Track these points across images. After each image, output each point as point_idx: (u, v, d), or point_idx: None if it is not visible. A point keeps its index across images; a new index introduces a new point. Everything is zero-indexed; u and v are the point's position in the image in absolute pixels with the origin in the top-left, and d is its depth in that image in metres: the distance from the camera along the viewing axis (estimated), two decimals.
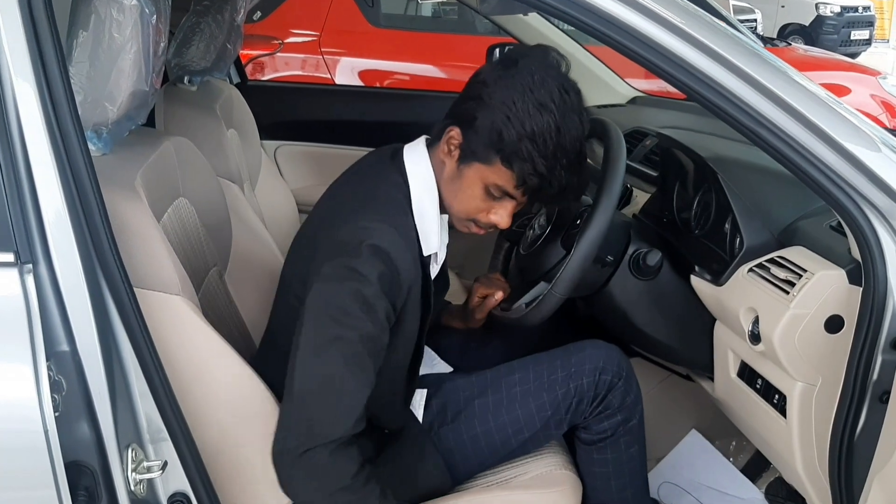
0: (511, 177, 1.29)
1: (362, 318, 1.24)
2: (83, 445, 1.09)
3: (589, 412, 1.51)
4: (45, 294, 1.06)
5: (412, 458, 1.50)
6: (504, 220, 1.37)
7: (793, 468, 1.43)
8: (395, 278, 1.28)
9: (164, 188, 1.48)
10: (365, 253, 1.25)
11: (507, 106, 1.26)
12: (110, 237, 1.11)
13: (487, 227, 1.39)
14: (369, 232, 1.27)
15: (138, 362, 1.13)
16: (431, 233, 1.37)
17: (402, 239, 1.29)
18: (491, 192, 1.32)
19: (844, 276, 1.28)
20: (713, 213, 1.59)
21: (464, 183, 1.33)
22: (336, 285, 1.26)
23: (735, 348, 1.53)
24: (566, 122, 1.27)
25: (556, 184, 1.30)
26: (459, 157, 1.32)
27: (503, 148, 1.27)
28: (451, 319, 1.82)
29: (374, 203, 1.34)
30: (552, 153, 1.27)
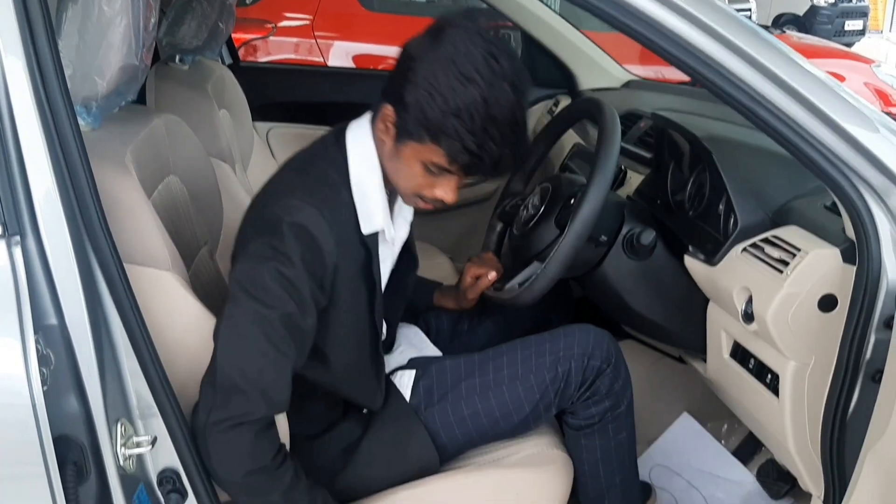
0: (443, 154, 1.25)
1: (284, 298, 1.23)
2: (71, 420, 1.08)
3: (576, 397, 1.50)
4: (32, 267, 1.05)
5: (399, 436, 1.49)
6: (449, 195, 1.32)
7: (785, 448, 1.43)
8: (318, 258, 1.26)
9: (154, 165, 1.46)
10: (286, 232, 1.24)
11: (429, 82, 1.21)
12: (100, 212, 1.10)
13: (434, 203, 1.35)
14: (292, 210, 1.26)
15: (128, 338, 1.12)
16: (374, 210, 1.35)
17: (328, 217, 1.27)
18: (430, 169, 1.28)
19: (838, 255, 1.28)
20: (707, 195, 1.59)
21: (402, 161, 1.30)
22: (258, 264, 1.25)
23: (728, 328, 1.53)
24: (494, 93, 1.21)
25: (489, 158, 1.24)
26: (395, 136, 1.29)
27: (429, 126, 1.22)
28: (443, 300, 1.81)
29: (306, 181, 1.32)
30: (481, 127, 1.21)
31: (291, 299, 1.24)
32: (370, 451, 1.48)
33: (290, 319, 1.24)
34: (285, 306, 1.24)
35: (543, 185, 1.68)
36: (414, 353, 1.69)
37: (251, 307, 1.24)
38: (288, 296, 1.24)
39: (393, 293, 1.56)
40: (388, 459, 1.49)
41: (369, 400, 1.50)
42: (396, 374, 1.57)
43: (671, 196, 1.73)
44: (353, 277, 1.35)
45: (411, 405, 1.51)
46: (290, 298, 1.24)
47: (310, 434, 1.46)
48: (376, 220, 1.35)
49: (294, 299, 1.24)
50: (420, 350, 1.72)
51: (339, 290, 1.32)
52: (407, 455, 1.49)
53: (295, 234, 1.24)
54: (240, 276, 1.27)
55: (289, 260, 1.24)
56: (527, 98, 1.27)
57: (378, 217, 1.35)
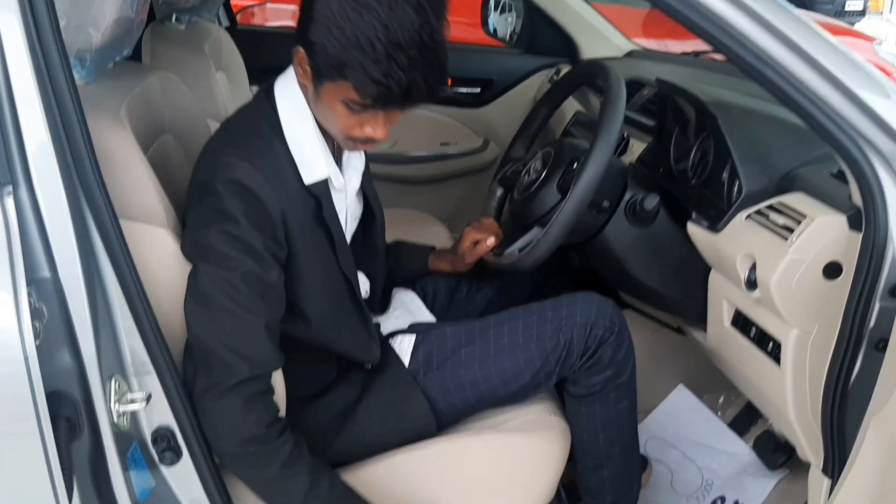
0: (353, 89, 1.20)
1: (239, 258, 1.22)
2: (64, 375, 1.07)
3: (578, 366, 1.48)
4: (25, 218, 1.03)
5: (397, 401, 1.48)
6: (378, 131, 1.28)
7: (785, 417, 1.42)
8: (262, 211, 1.24)
9: (149, 122, 1.44)
10: (222, 191, 1.22)
11: (326, 16, 1.17)
12: (94, 163, 1.08)
13: (368, 142, 1.31)
14: (224, 168, 1.23)
15: (123, 293, 1.10)
16: (314, 159, 1.32)
17: (263, 169, 1.25)
18: (351, 107, 1.23)
19: (845, 222, 1.26)
20: (711, 162, 1.57)
21: (325, 103, 1.26)
22: (204, 229, 1.23)
23: (730, 296, 1.51)
24: (395, 17, 1.15)
25: (398, 87, 1.18)
26: (312, 79, 1.25)
27: (334, 62, 1.18)
28: (437, 263, 1.78)
29: (235, 138, 1.30)
30: (385, 55, 1.15)
31: (247, 257, 1.22)
32: (367, 414, 1.46)
33: (251, 277, 1.23)
34: (243, 265, 1.22)
35: (546, 149, 1.66)
36: (410, 318, 1.68)
37: (210, 272, 1.22)
38: (242, 254, 1.22)
39: (363, 247, 1.53)
40: (385, 424, 1.47)
41: (364, 352, 1.48)
42: (396, 339, 1.55)
43: (674, 164, 1.71)
44: (309, 229, 1.32)
45: (410, 370, 1.50)
46: (245, 256, 1.22)
47: (305, 396, 1.45)
48: (318, 168, 1.32)
49: (249, 256, 1.22)
50: (416, 315, 1.70)
51: (295, 242, 1.30)
52: (404, 420, 1.48)
53: (231, 192, 1.22)
54: (190, 245, 1.25)
55: (232, 219, 1.22)
56: (439, 17, 1.20)
57: (319, 165, 1.32)
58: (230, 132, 1.33)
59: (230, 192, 1.22)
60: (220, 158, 1.26)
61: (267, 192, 1.24)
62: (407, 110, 1.26)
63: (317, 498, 1.30)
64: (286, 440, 1.27)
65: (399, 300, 1.74)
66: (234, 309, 1.22)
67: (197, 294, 1.23)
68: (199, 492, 1.22)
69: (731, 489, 1.99)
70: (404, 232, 1.97)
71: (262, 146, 1.29)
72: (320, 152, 1.33)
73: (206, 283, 1.22)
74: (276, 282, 1.27)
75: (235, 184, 1.22)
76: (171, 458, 1.18)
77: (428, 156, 2.70)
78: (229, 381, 1.22)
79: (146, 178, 1.24)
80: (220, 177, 1.23)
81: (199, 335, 1.22)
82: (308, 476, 1.29)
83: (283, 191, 1.27)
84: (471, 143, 2.72)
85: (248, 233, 1.22)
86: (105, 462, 1.12)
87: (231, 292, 1.22)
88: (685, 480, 2.06)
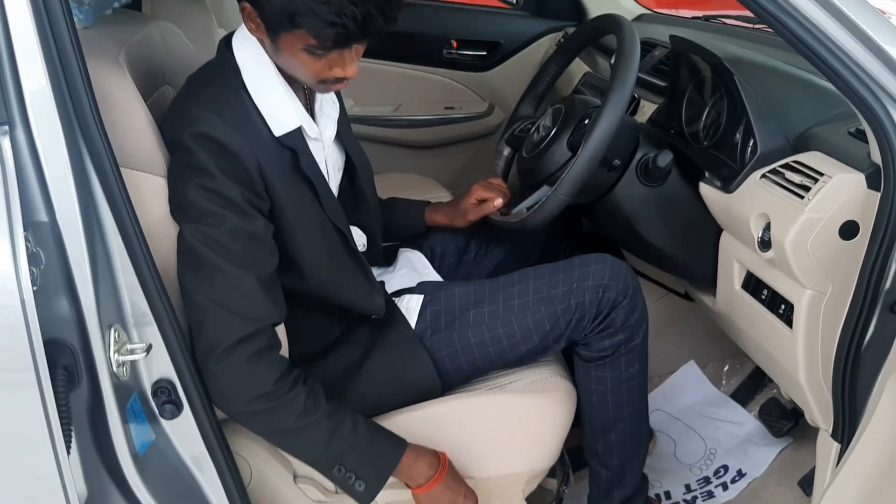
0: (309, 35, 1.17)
1: (219, 213, 1.19)
2: (63, 323, 1.04)
3: (590, 329, 1.45)
4: (22, 159, 0.99)
5: (401, 362, 1.46)
6: (349, 69, 1.24)
7: (795, 380, 1.40)
8: (235, 163, 1.21)
9: (148, 72, 1.40)
10: (191, 145, 1.19)
11: None
12: (93, 105, 1.04)
13: (341, 81, 1.27)
14: (190, 122, 1.20)
15: (122, 240, 1.07)
16: (282, 110, 1.28)
17: (230, 119, 1.22)
18: (315, 53, 1.20)
19: (863, 180, 1.23)
20: (724, 124, 1.53)
21: (286, 53, 1.23)
22: (181, 186, 1.20)
23: (741, 258, 1.48)
24: None
25: (354, 23, 1.15)
26: (267, 32, 1.22)
27: (283, 12, 1.15)
28: (434, 216, 1.73)
29: (200, 91, 1.27)
30: None
31: (228, 211, 1.19)
32: (370, 374, 1.44)
33: (236, 231, 1.20)
34: (225, 220, 1.19)
35: (556, 106, 1.62)
36: (416, 277, 1.65)
37: (193, 230, 1.20)
38: (222, 209, 1.19)
39: (352, 198, 1.50)
40: (389, 384, 1.45)
41: (367, 302, 1.45)
42: (403, 298, 1.53)
43: (685, 126, 1.67)
44: (289, 180, 1.29)
45: (417, 330, 1.47)
46: (225, 210, 1.19)
47: (308, 354, 1.43)
48: (287, 119, 1.29)
49: (230, 210, 1.20)
50: (422, 275, 1.67)
51: (276, 194, 1.27)
52: (408, 381, 1.46)
53: (200, 145, 1.19)
54: (173, 206, 1.22)
55: (207, 173, 1.19)
56: None
57: (289, 116, 1.29)
58: (194, 87, 1.29)
59: (198, 146, 1.19)
60: (185, 112, 1.22)
61: (238, 143, 1.21)
62: (372, 42, 1.22)
63: (340, 441, 1.28)
64: (299, 392, 1.25)
65: (405, 259, 1.71)
66: (221, 265, 1.19)
67: (184, 253, 1.21)
68: (199, 447, 1.20)
69: (734, 458, 1.99)
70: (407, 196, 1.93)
71: (230, 97, 1.25)
72: (288, 102, 1.29)
73: (191, 242, 1.20)
74: (262, 231, 1.24)
75: (204, 137, 1.19)
76: (171, 412, 1.16)
77: (432, 119, 2.65)
78: (227, 340, 1.19)
79: (146, 125, 1.21)
80: (187, 132, 1.20)
81: (192, 295, 1.20)
82: (327, 423, 1.27)
83: (255, 142, 1.24)
84: (476, 108, 2.67)
85: (224, 185, 1.19)
86: (104, 414, 1.10)
87: (217, 249, 1.19)
88: (688, 450, 2.05)
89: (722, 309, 1.62)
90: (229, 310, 1.20)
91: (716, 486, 1.93)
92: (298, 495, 1.43)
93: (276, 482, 1.42)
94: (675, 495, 1.92)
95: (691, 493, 1.92)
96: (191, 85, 1.30)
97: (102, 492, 1.12)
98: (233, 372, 1.20)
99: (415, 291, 1.54)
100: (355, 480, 1.30)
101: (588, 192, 1.56)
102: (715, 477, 1.95)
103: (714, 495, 1.90)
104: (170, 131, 1.24)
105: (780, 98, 1.46)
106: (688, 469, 1.99)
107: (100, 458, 1.11)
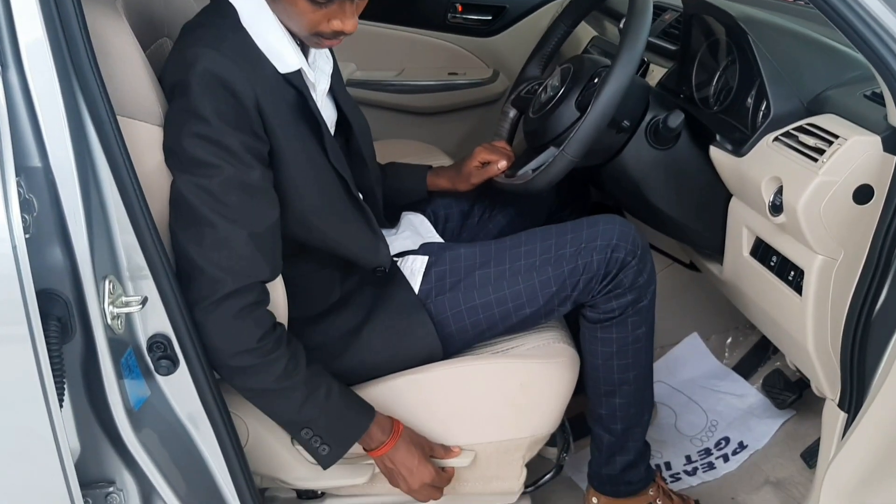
0: None
1: (215, 164, 1.16)
2: (56, 273, 1.01)
3: (597, 290, 1.42)
4: (14, 101, 0.96)
5: (402, 327, 1.43)
6: (347, 23, 1.21)
7: (803, 349, 1.38)
8: (235, 105, 1.17)
9: (146, 22, 1.36)
10: (192, 85, 1.15)
11: None
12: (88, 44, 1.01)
13: (336, 36, 1.24)
14: (193, 59, 1.16)
15: (117, 188, 1.04)
16: (283, 50, 1.25)
17: (232, 55, 1.18)
18: (317, 1, 1.18)
19: (879, 143, 1.20)
20: (735, 88, 1.50)
21: (284, 1, 1.20)
22: (177, 135, 1.17)
23: (751, 224, 1.45)
24: None
25: None
26: None
27: None
28: (435, 179, 1.70)
29: (199, 31, 1.23)
30: None
31: (224, 162, 1.16)
32: (371, 338, 1.42)
33: (231, 183, 1.17)
34: (220, 171, 1.16)
35: (564, 65, 1.58)
36: (419, 240, 1.62)
37: (186, 181, 1.17)
38: (218, 159, 1.16)
39: (349, 157, 1.47)
40: (390, 348, 1.43)
41: (371, 253, 1.42)
42: (407, 259, 1.50)
43: (695, 91, 1.64)
44: (290, 120, 1.25)
45: (421, 292, 1.45)
46: (221, 162, 1.16)
47: (309, 316, 1.40)
48: (288, 58, 1.25)
49: (226, 161, 1.16)
50: (425, 238, 1.64)
51: (276, 133, 1.23)
52: (409, 346, 1.43)
53: (202, 85, 1.15)
54: (168, 155, 1.19)
55: (203, 119, 1.15)
56: None
57: (290, 56, 1.25)
58: (192, 30, 1.25)
59: (200, 85, 1.15)
60: (185, 53, 1.18)
61: (238, 78, 1.17)
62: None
63: (313, 407, 1.28)
64: (281, 355, 1.23)
65: (408, 222, 1.68)
66: (213, 219, 1.17)
67: (177, 205, 1.18)
68: (195, 404, 1.17)
69: (735, 430, 1.97)
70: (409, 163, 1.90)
71: (228, 33, 1.21)
72: (287, 42, 1.26)
73: (184, 193, 1.17)
74: (259, 181, 1.20)
75: (205, 74, 1.15)
76: (167, 368, 1.13)
77: (435, 85, 2.61)
78: (214, 294, 1.17)
79: (143, 72, 1.17)
80: (189, 71, 1.16)
81: (182, 247, 1.18)
82: (303, 388, 1.26)
83: (256, 77, 1.20)
84: (480, 74, 2.63)
85: (221, 132, 1.16)
86: (98, 368, 1.07)
87: (210, 202, 1.16)
88: (690, 422, 2.04)
89: (729, 277, 1.59)
90: (219, 266, 1.17)
91: (717, 458, 1.91)
92: (295, 457, 1.42)
93: (273, 444, 1.40)
94: (675, 466, 1.91)
95: (692, 464, 1.91)
96: (187, 31, 1.27)
97: (96, 447, 1.10)
98: (219, 326, 1.19)
99: (419, 253, 1.51)
100: (320, 445, 1.31)
101: (595, 155, 1.52)
102: (716, 448, 1.94)
103: (715, 466, 1.89)
104: (170, 75, 1.20)
105: (795, 60, 1.42)
106: (689, 440, 1.98)
107: (93, 412, 1.09)
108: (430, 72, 2.62)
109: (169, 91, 1.20)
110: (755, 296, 1.51)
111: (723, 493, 1.80)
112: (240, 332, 1.20)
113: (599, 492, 1.62)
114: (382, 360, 1.43)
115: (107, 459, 1.12)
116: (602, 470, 1.59)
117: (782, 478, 1.79)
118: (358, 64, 2.57)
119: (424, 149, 2.35)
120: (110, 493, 1.14)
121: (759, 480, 1.81)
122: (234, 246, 1.18)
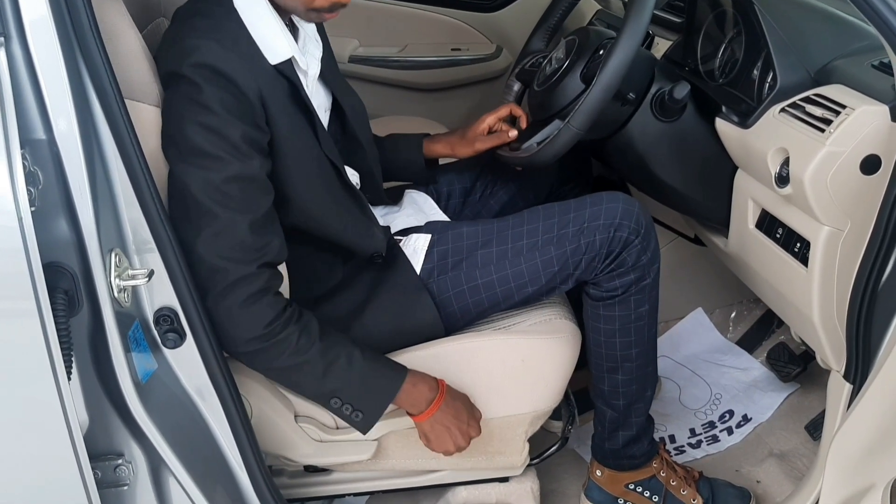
0: None
1: (219, 157, 1.15)
2: (62, 246, 1.01)
3: (600, 269, 1.42)
4: (18, 73, 0.96)
5: (404, 306, 1.43)
6: None
7: (808, 320, 1.38)
8: (240, 97, 1.17)
9: (142, 2, 1.36)
10: (192, 76, 1.14)
11: None
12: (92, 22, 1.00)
13: (334, 9, 1.24)
14: (192, 51, 1.15)
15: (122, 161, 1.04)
16: (275, 39, 1.25)
17: (231, 47, 1.18)
18: None
19: (887, 113, 1.19)
20: (741, 60, 1.49)
21: None
22: (179, 123, 1.16)
23: (756, 196, 1.45)
24: None
25: None
26: None
27: None
28: (433, 146, 1.68)
29: (194, 19, 1.22)
30: None
31: (225, 153, 1.15)
32: (373, 317, 1.42)
33: (235, 177, 1.17)
34: (222, 163, 1.16)
35: (569, 37, 1.57)
36: (422, 217, 1.62)
37: (188, 172, 1.16)
38: (222, 151, 1.15)
39: (345, 140, 1.46)
40: (392, 328, 1.43)
41: (367, 239, 1.42)
42: (410, 238, 1.50)
43: (701, 63, 1.63)
44: (286, 108, 1.26)
45: (423, 270, 1.45)
46: (223, 153, 1.15)
47: (310, 297, 1.41)
48: (280, 48, 1.25)
49: (229, 153, 1.16)
50: (428, 215, 1.64)
51: (275, 123, 1.23)
52: (411, 325, 1.43)
53: (203, 77, 1.15)
54: (169, 145, 1.18)
55: (208, 109, 1.15)
56: None
57: (281, 46, 1.25)
58: (186, 18, 1.24)
59: (201, 77, 1.14)
60: (182, 42, 1.17)
61: (241, 72, 1.17)
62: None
63: (334, 378, 1.28)
64: (291, 332, 1.23)
65: (410, 199, 1.68)
66: (216, 211, 1.16)
67: (177, 195, 1.18)
68: (203, 377, 1.18)
69: (739, 403, 1.98)
70: None
71: (225, 23, 1.21)
72: (279, 31, 1.25)
73: (185, 183, 1.16)
74: (258, 171, 1.20)
75: (206, 68, 1.15)
76: (174, 341, 1.13)
77: (438, 61, 2.59)
78: (220, 284, 1.18)
79: (140, 53, 1.17)
80: (187, 62, 1.15)
81: (184, 238, 1.17)
82: (320, 361, 1.26)
83: (255, 70, 1.20)
84: (483, 50, 2.61)
85: (225, 123, 1.15)
86: (105, 341, 1.07)
87: (211, 193, 1.16)
88: (693, 395, 2.05)
89: (734, 250, 1.59)
90: (222, 256, 1.17)
91: (721, 431, 1.92)
92: (299, 434, 1.42)
93: (277, 421, 1.41)
94: (679, 439, 1.92)
95: (696, 437, 1.92)
96: (181, 16, 1.26)
97: (104, 419, 1.11)
98: (227, 315, 1.19)
99: (422, 231, 1.51)
100: (352, 412, 1.31)
101: (601, 128, 1.52)
102: (720, 422, 1.95)
103: (719, 439, 1.90)
104: (166, 63, 1.19)
105: (801, 30, 1.41)
106: (693, 414, 1.99)
107: (101, 385, 1.09)
108: (432, 48, 2.60)
109: (165, 77, 1.19)
110: (760, 268, 1.51)
111: (727, 465, 1.81)
112: (247, 320, 1.20)
113: (603, 465, 1.62)
114: (384, 340, 1.43)
115: (115, 432, 1.13)
116: (605, 444, 1.60)
117: (786, 450, 1.80)
118: (360, 40, 2.55)
119: (427, 125, 2.34)
120: (119, 465, 1.14)
121: (763, 453, 1.81)
122: (237, 234, 1.18)
